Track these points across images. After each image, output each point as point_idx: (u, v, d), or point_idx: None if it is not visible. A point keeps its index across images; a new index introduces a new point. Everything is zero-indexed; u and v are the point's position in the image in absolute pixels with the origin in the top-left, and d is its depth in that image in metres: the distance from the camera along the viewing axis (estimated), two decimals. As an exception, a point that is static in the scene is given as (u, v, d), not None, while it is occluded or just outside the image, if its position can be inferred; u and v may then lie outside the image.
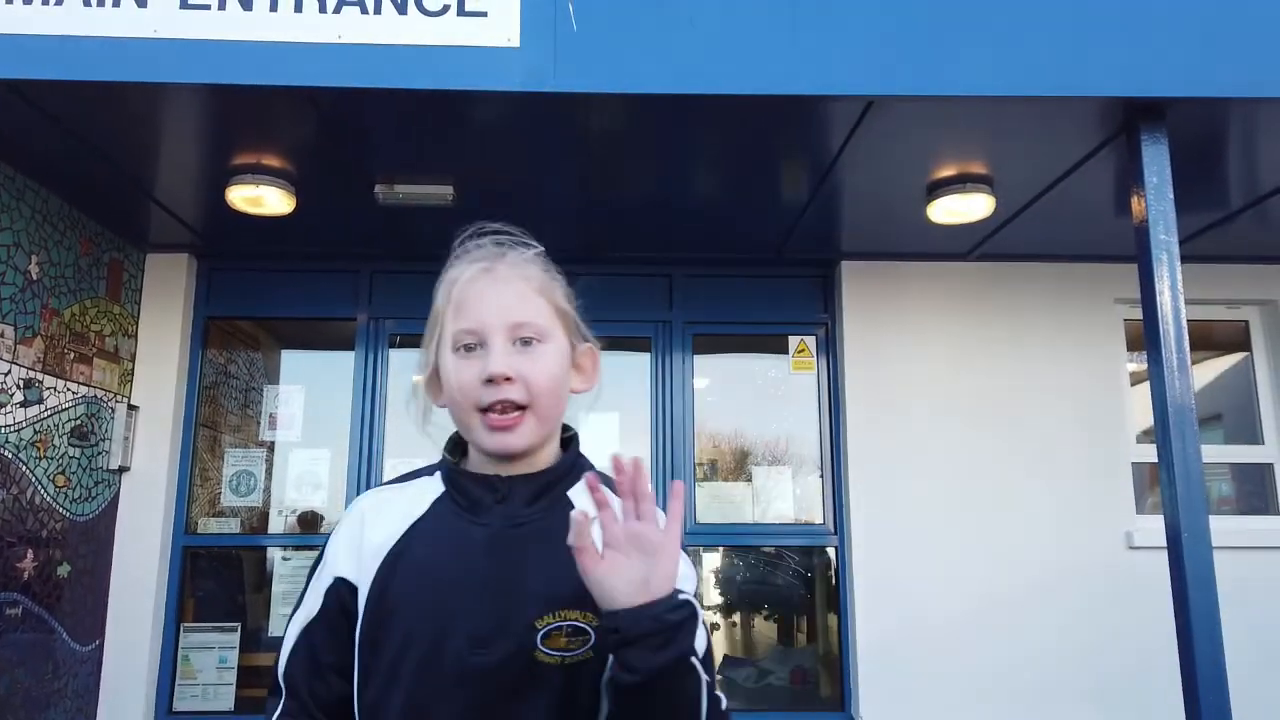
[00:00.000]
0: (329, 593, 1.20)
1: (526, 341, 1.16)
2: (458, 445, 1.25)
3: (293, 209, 3.96)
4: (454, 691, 1.09)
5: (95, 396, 4.26)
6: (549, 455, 1.22)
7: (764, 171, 3.83)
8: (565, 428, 1.27)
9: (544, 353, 1.17)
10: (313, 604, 1.21)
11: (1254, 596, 4.31)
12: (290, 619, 1.23)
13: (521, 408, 1.14)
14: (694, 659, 1.01)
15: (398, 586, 1.14)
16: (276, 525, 4.74)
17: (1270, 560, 4.54)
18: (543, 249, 1.27)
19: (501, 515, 1.16)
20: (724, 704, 1.11)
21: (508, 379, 1.13)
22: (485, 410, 1.14)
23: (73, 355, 4.10)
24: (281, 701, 1.20)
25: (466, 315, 1.16)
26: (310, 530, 4.71)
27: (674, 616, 0.99)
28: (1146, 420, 4.73)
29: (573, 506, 1.16)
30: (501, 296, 1.17)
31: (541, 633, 1.09)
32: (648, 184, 3.98)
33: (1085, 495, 4.61)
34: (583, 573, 1.01)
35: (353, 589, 1.18)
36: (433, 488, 1.22)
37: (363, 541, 1.19)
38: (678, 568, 1.03)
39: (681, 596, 1.01)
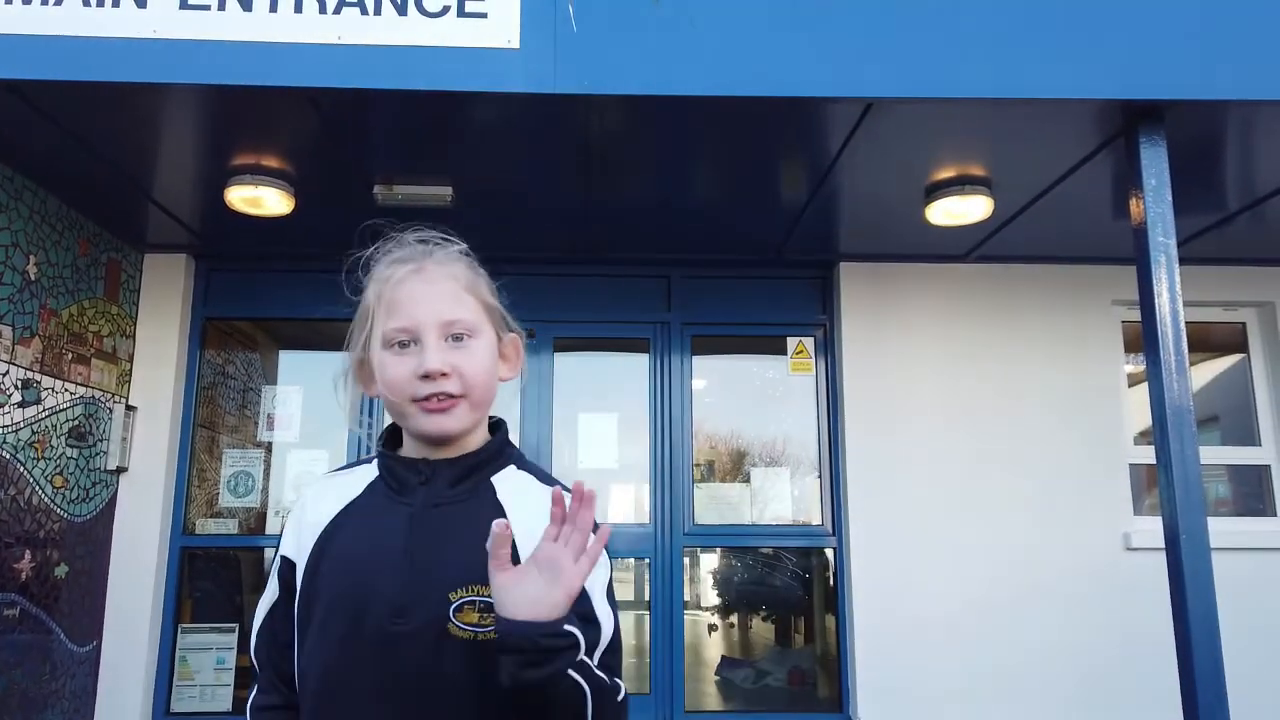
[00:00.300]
0: (279, 574, 1.28)
1: (458, 337, 1.23)
2: (393, 435, 1.33)
3: (291, 210, 3.96)
4: (373, 660, 1.15)
5: (93, 397, 4.26)
6: (476, 441, 1.29)
7: (763, 173, 3.83)
8: (496, 418, 1.35)
9: (475, 347, 1.25)
10: (272, 587, 1.29)
11: (1251, 598, 4.32)
12: (258, 604, 1.32)
13: (454, 397, 1.22)
14: (572, 673, 1.06)
15: (328, 561, 1.22)
16: (274, 526, 4.74)
17: (1267, 561, 4.55)
18: (466, 246, 1.33)
19: (425, 495, 1.24)
20: (622, 693, 1.16)
21: (443, 374, 1.21)
22: (420, 400, 1.22)
23: (70, 356, 4.09)
24: (258, 679, 1.30)
25: (399, 314, 1.24)
26: (308, 531, 4.70)
27: (548, 642, 1.04)
28: (1144, 421, 4.74)
29: (494, 491, 1.26)
30: (432, 296, 1.24)
31: (454, 605, 1.15)
32: (646, 185, 3.98)
33: (1083, 496, 4.61)
34: (490, 577, 1.07)
35: (293, 566, 1.26)
36: (368, 473, 1.30)
37: (301, 523, 1.28)
38: (571, 600, 1.07)
39: (566, 627, 1.06)
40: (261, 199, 3.85)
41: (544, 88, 2.97)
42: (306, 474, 4.77)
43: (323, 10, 2.96)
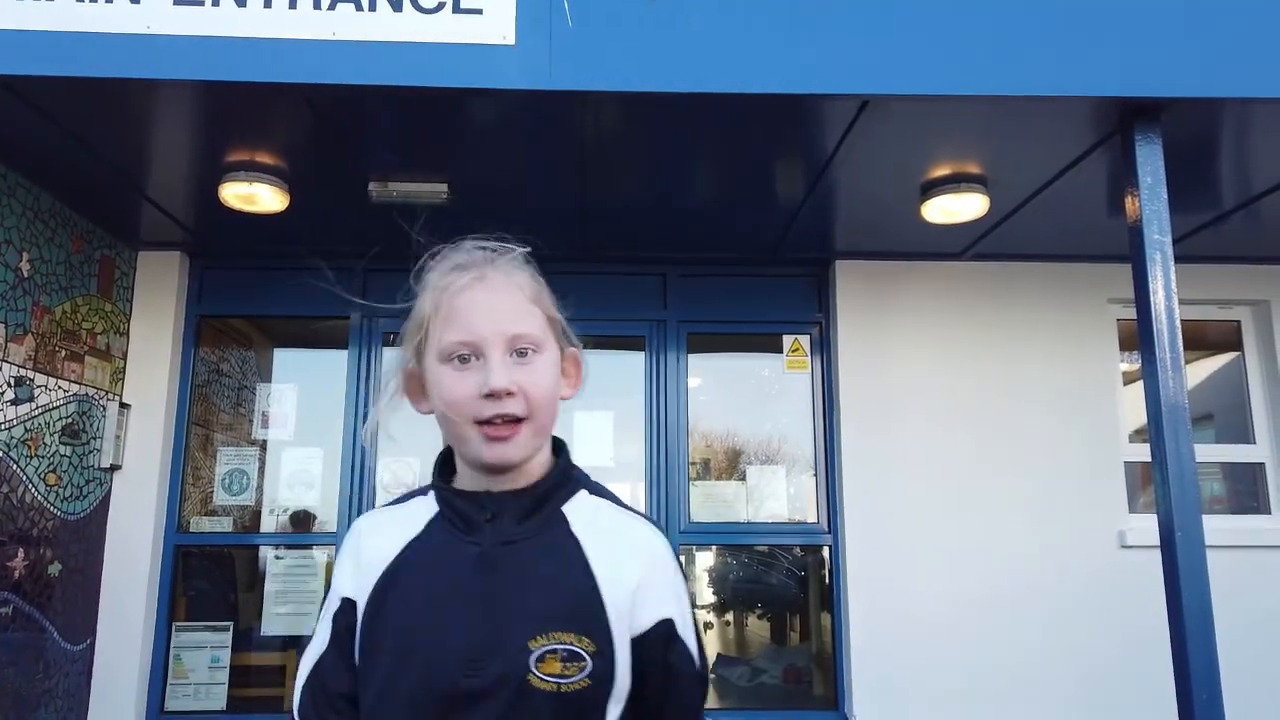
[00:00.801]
0: (336, 616, 1.16)
1: (522, 353, 1.14)
2: (445, 463, 1.23)
3: (286, 207, 3.95)
4: (447, 716, 1.06)
5: (87, 394, 4.24)
6: (540, 465, 1.20)
7: (759, 170, 3.83)
8: (556, 438, 1.26)
9: (540, 364, 1.15)
10: (323, 634, 1.17)
11: (1245, 595, 4.33)
12: (302, 656, 1.20)
13: (518, 419, 1.12)
14: None
15: (391, 604, 1.12)
16: (269, 524, 4.73)
17: (1261, 559, 4.56)
18: (528, 250, 1.24)
19: (493, 533, 1.13)
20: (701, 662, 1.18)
21: (509, 393, 1.11)
22: (482, 422, 1.11)
23: (64, 353, 4.07)
24: None
25: (460, 327, 1.13)
26: (303, 529, 4.69)
27: None
28: (1139, 419, 4.75)
29: (567, 523, 1.15)
30: (497, 308, 1.14)
31: (535, 655, 1.06)
32: (642, 183, 3.97)
33: (1078, 494, 4.62)
34: None
35: (355, 606, 1.15)
36: (427, 508, 1.19)
37: (360, 560, 1.17)
38: None
39: None
40: (256, 196, 3.84)
41: (540, 84, 2.96)
42: (301, 472, 4.76)
43: (317, 6, 2.95)
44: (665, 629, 1.13)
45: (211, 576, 4.70)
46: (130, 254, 4.63)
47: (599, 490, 1.23)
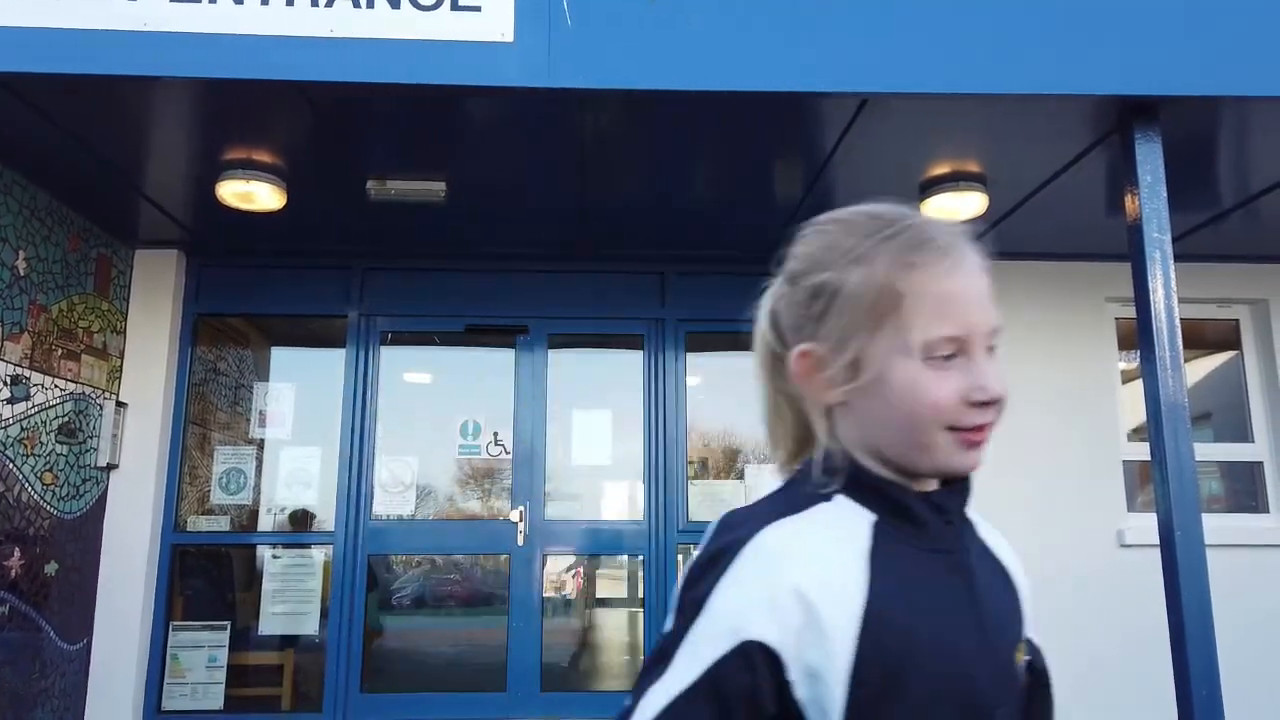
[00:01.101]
0: (727, 661, 0.85)
1: (991, 349, 0.98)
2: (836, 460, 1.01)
3: (283, 205, 3.93)
4: None
5: (83, 393, 4.23)
6: None
7: (758, 169, 3.82)
8: None
9: (999, 361, 0.99)
10: (689, 675, 0.85)
11: (1244, 595, 4.32)
12: (646, 688, 0.86)
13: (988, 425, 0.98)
14: None
15: (897, 646, 0.89)
16: (266, 523, 4.72)
17: (1260, 559, 4.56)
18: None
19: (952, 540, 0.99)
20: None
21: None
22: (958, 428, 0.94)
23: (60, 352, 4.06)
24: None
25: (952, 318, 0.94)
26: (301, 528, 4.69)
27: None
28: (1137, 418, 4.75)
29: (974, 525, 1.07)
30: (985, 297, 0.98)
31: (1020, 670, 1.00)
32: (641, 181, 3.96)
33: (1077, 493, 4.61)
34: None
35: (774, 660, 0.85)
36: (853, 513, 0.96)
37: (808, 596, 0.87)
38: None
39: None
40: (253, 194, 3.83)
41: (538, 82, 2.95)
42: (299, 471, 4.74)
43: (315, 3, 2.94)
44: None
45: (209, 576, 4.69)
46: (127, 252, 4.62)
47: None
